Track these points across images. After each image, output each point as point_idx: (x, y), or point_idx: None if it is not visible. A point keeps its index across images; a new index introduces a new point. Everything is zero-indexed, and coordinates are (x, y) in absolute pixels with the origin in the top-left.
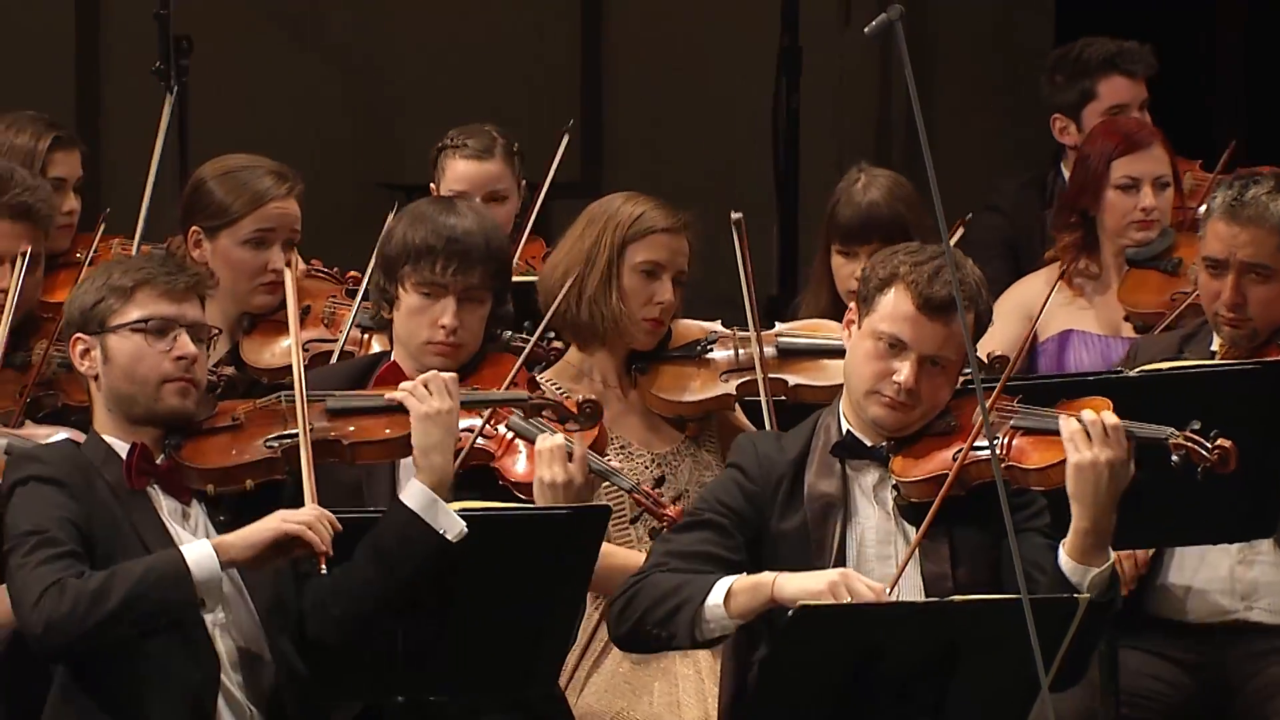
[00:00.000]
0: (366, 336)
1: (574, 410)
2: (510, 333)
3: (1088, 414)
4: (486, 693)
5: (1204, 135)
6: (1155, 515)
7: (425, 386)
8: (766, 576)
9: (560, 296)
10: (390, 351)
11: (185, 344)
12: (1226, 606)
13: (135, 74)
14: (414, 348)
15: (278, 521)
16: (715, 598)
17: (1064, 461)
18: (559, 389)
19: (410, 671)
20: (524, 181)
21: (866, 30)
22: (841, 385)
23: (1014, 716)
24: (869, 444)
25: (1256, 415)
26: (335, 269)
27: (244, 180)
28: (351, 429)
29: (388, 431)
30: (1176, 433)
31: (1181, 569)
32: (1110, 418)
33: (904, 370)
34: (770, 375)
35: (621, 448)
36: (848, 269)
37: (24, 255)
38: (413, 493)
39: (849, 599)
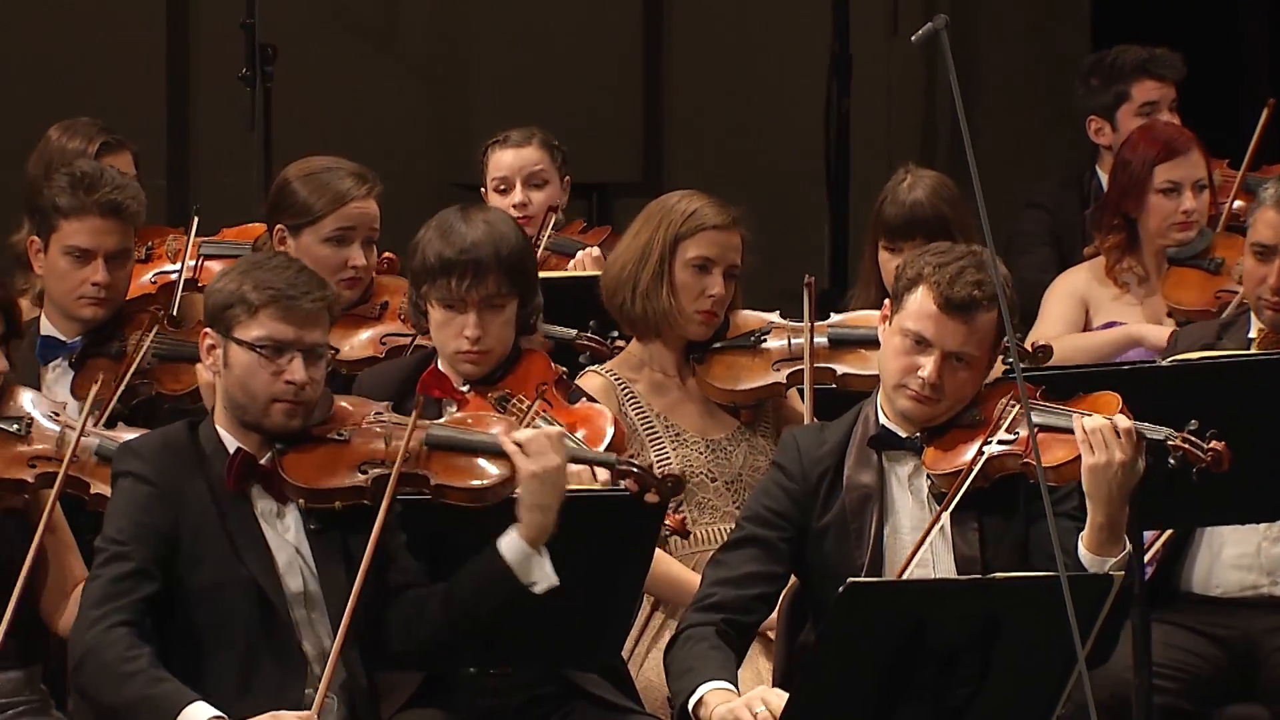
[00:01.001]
0: None
1: (657, 479)
2: (578, 331)
3: (1098, 418)
4: (554, 665)
5: (1233, 132)
6: (1189, 497)
7: (535, 443)
8: (714, 697)
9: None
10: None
11: (297, 369)
12: (1254, 581)
13: (222, 80)
14: (447, 355)
15: None
16: (693, 700)
17: (1078, 459)
18: (617, 379)
19: (482, 645)
20: (568, 178)
21: (913, 38)
22: None
23: (1051, 689)
24: (903, 435)
25: None
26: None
27: (326, 181)
28: (443, 469)
29: (475, 483)
30: (1175, 434)
31: (1211, 546)
32: (1123, 421)
33: (928, 366)
34: (820, 364)
35: (677, 435)
36: (893, 264)
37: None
38: (509, 544)
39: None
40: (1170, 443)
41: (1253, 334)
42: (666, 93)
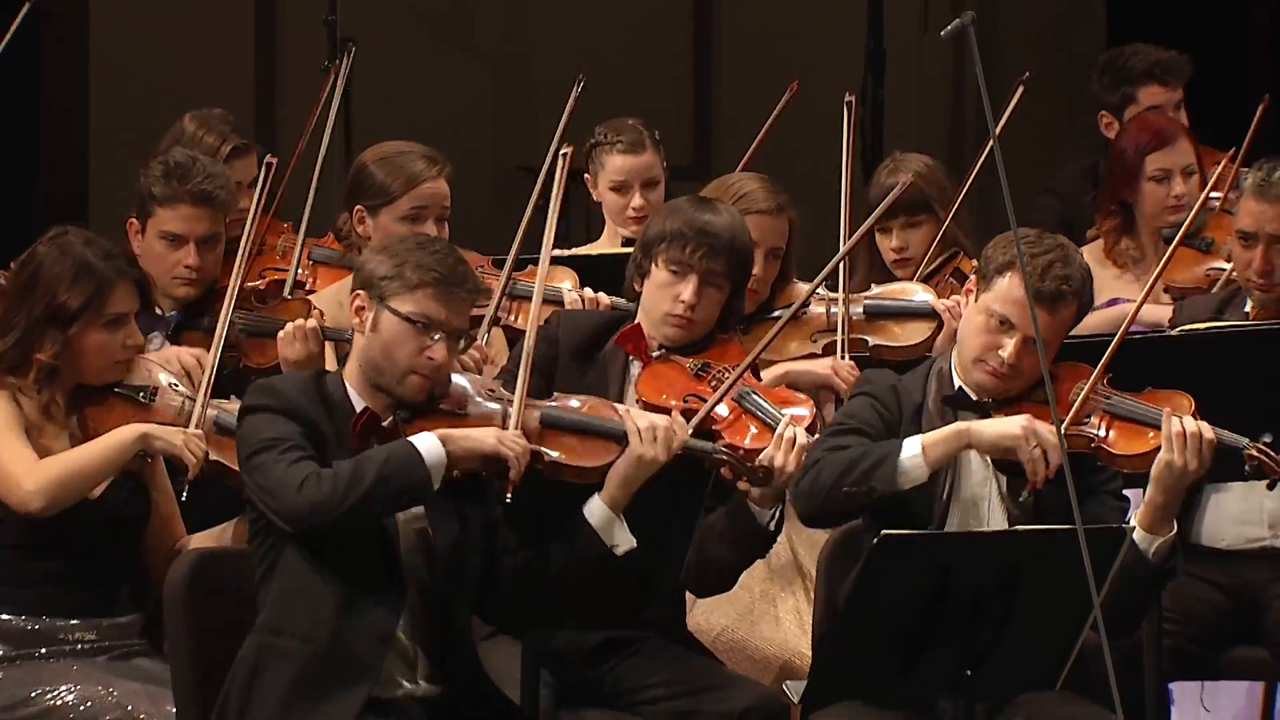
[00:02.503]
0: (516, 304)
1: (749, 468)
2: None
3: (1189, 422)
4: (612, 611)
5: (1241, 126)
6: None
7: (656, 432)
8: (961, 425)
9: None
10: (633, 314)
11: (439, 349)
12: (1256, 535)
13: (307, 72)
14: (656, 317)
15: (495, 440)
16: (911, 449)
17: (1152, 452)
18: None
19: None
20: (666, 164)
21: (942, 34)
22: (913, 346)
23: (1069, 634)
24: (975, 399)
25: None
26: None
27: (400, 163)
28: (556, 450)
29: (582, 462)
30: (1251, 444)
31: (1219, 503)
32: (1209, 432)
33: (1009, 347)
34: (854, 335)
35: None
36: (883, 241)
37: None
38: (595, 510)
39: (1037, 445)
40: (1246, 452)
41: (1248, 309)
42: (714, 84)
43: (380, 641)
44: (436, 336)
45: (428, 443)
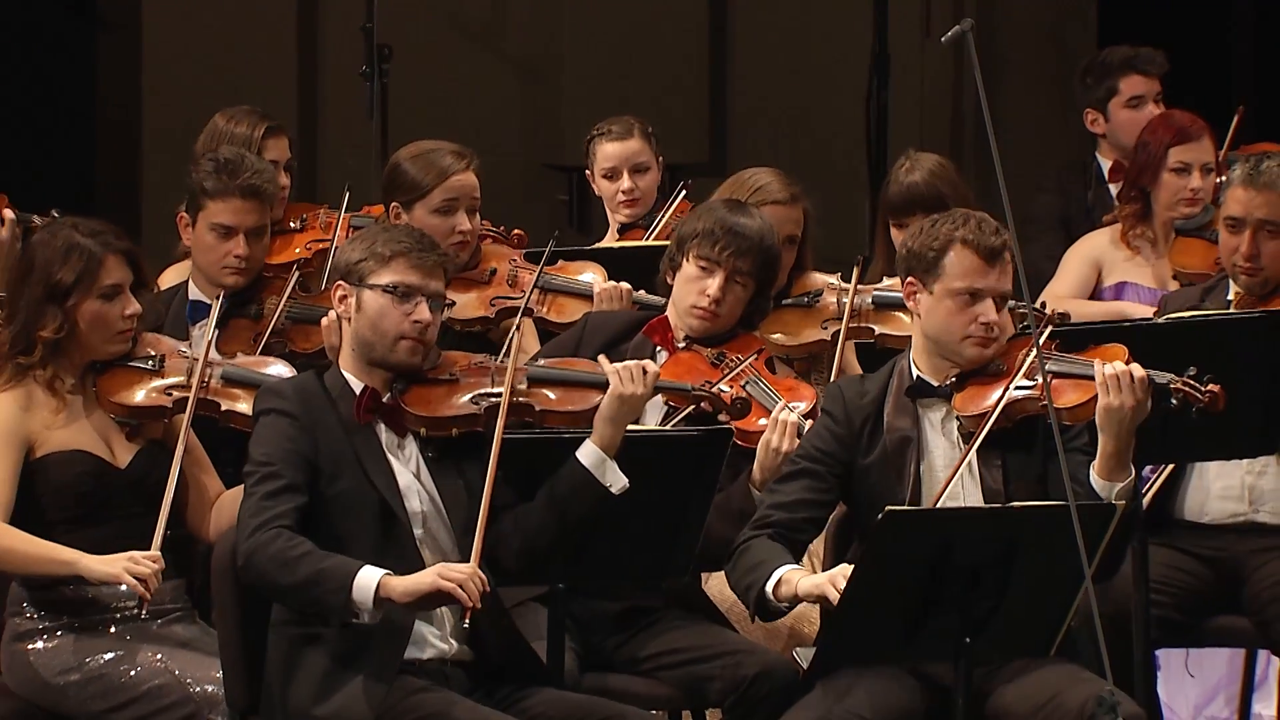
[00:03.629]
0: (548, 298)
1: (728, 403)
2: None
3: (1118, 365)
4: (634, 581)
5: (1223, 126)
6: (1184, 437)
7: (631, 372)
8: (794, 575)
9: None
10: (659, 309)
11: (423, 311)
12: (1238, 510)
13: (345, 76)
14: (683, 308)
15: (434, 576)
16: (769, 584)
17: (1092, 400)
18: None
19: (570, 564)
20: (661, 159)
21: (943, 39)
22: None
23: (1062, 603)
24: (935, 384)
25: (1262, 354)
26: (502, 227)
27: (431, 160)
28: (546, 396)
29: (570, 406)
30: (1176, 378)
31: (1202, 479)
32: (1138, 370)
33: (988, 311)
34: (862, 324)
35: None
36: (898, 236)
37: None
38: (587, 452)
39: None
40: (1173, 385)
41: (1230, 296)
42: (730, 86)
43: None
44: (417, 300)
45: (365, 579)
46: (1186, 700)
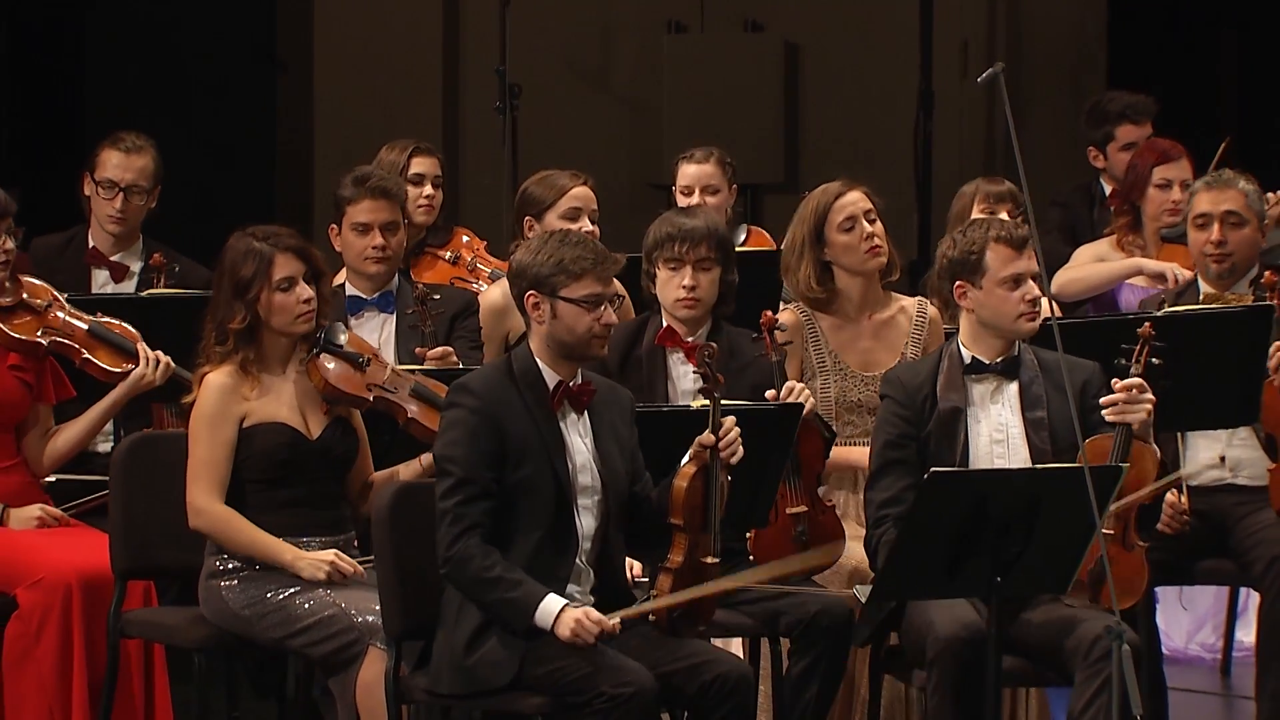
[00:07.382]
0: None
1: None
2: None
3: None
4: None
5: (1210, 156)
6: (1174, 408)
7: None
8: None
9: None
10: (656, 312)
11: (609, 314)
12: (1220, 475)
13: (482, 112)
14: (669, 306)
15: (571, 628)
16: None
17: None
18: (806, 316)
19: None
20: (734, 185)
21: (979, 80)
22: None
23: (1077, 548)
24: (987, 362)
25: (1245, 341)
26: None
27: (552, 180)
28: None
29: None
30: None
31: (1191, 452)
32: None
33: (1032, 289)
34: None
35: (842, 370)
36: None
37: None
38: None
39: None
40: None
41: (1201, 296)
42: (800, 119)
43: (559, 581)
44: (603, 306)
45: (546, 608)
46: (1181, 629)
